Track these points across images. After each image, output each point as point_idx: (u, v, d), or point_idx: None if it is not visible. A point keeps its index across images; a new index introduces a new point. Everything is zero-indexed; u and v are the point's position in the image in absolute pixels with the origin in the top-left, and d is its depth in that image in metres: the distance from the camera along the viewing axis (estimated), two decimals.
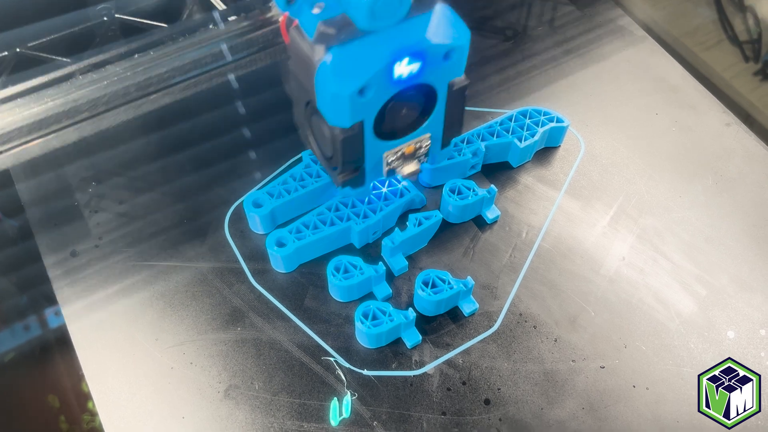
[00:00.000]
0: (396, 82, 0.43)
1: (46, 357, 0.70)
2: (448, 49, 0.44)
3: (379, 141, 0.47)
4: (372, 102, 0.44)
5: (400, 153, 0.50)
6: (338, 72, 0.41)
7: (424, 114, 0.49)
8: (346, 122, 0.44)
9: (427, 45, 0.42)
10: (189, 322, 0.53)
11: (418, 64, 0.43)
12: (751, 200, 0.61)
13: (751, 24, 0.81)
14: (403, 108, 0.46)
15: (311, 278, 0.55)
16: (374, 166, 0.49)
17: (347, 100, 0.42)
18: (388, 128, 0.47)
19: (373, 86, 0.42)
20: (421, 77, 0.44)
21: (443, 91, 0.47)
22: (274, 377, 0.50)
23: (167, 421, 0.49)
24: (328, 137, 0.46)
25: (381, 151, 0.48)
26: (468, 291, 0.53)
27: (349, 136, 0.45)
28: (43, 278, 0.55)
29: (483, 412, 0.49)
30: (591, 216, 0.59)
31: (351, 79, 0.41)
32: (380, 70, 0.42)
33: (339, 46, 0.41)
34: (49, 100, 0.44)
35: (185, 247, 0.57)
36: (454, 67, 0.46)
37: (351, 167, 0.48)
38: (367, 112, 0.44)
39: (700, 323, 0.54)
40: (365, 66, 0.41)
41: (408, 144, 0.49)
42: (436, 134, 0.50)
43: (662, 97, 0.68)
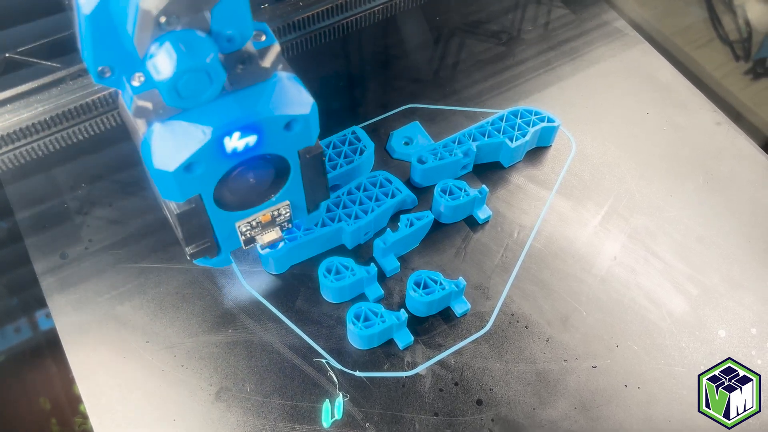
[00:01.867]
0: (231, 156, 0.40)
1: (36, 359, 0.70)
2: (288, 120, 0.40)
3: (224, 213, 0.44)
4: (206, 176, 0.40)
5: (256, 222, 0.46)
6: (160, 149, 0.38)
7: (277, 182, 0.45)
8: (178, 198, 0.41)
9: (261, 118, 0.39)
10: (180, 325, 0.53)
11: (253, 136, 0.39)
12: (742, 199, 0.61)
13: (741, 23, 0.82)
14: (249, 178, 0.43)
15: (303, 280, 0.55)
16: (229, 236, 0.46)
17: (172, 177, 0.39)
18: (234, 200, 0.44)
19: (202, 162, 0.39)
20: (260, 149, 0.41)
21: (295, 160, 0.44)
22: (266, 379, 0.50)
23: (158, 423, 0.48)
24: (167, 212, 0.43)
25: (233, 222, 0.45)
26: (460, 291, 0.53)
27: (186, 210, 0.42)
28: (32, 281, 0.55)
29: (475, 412, 0.49)
30: (582, 216, 0.59)
31: (174, 156, 0.38)
32: (205, 146, 0.38)
33: (162, 122, 0.38)
34: (39, 105, 0.44)
35: (175, 249, 0.56)
36: (302, 137, 0.42)
37: (194, 242, 0.45)
38: (203, 186, 0.41)
39: (692, 322, 0.54)
40: (188, 142, 0.38)
41: (263, 213, 0.46)
42: (297, 201, 0.47)
43: (653, 96, 0.68)
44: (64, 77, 0.45)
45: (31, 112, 0.44)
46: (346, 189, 0.56)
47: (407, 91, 0.67)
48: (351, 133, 0.59)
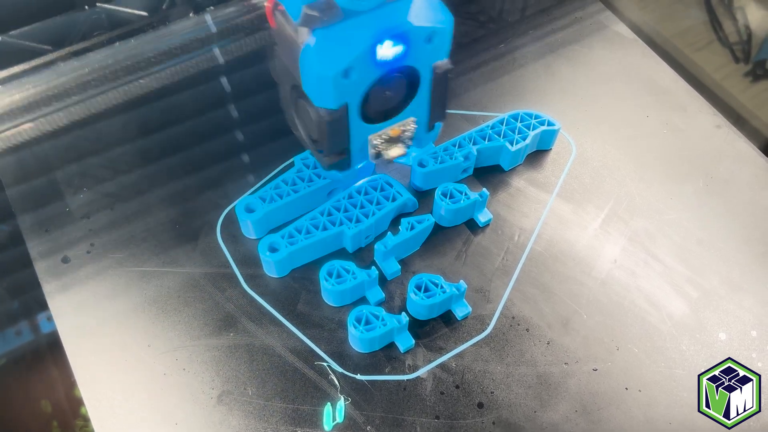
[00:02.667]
0: (380, 65, 0.44)
1: (38, 362, 0.70)
2: (430, 33, 0.44)
3: (364, 124, 0.48)
4: (356, 84, 0.45)
5: (386, 136, 0.50)
6: (322, 54, 0.42)
7: (408, 97, 0.49)
8: (331, 104, 0.45)
9: (409, 28, 0.43)
10: (181, 328, 0.53)
11: (401, 46, 0.44)
12: (742, 202, 0.61)
13: (741, 25, 0.82)
14: (387, 91, 0.47)
15: (304, 283, 0.55)
16: (360, 149, 0.50)
17: (331, 82, 0.43)
18: (372, 111, 0.48)
19: (357, 68, 0.43)
20: (404, 60, 0.45)
21: (427, 75, 0.48)
22: (268, 383, 0.50)
23: (160, 427, 0.48)
24: (314, 120, 0.47)
25: (366, 134, 0.49)
26: (461, 295, 0.53)
27: (335, 118, 0.46)
28: (34, 284, 0.55)
29: (476, 415, 0.49)
30: (582, 219, 0.59)
31: (335, 60, 0.42)
32: (363, 52, 0.43)
33: (323, 29, 0.42)
34: (30, 86, 0.44)
35: (177, 252, 0.56)
36: (438, 51, 0.46)
37: (337, 150, 0.49)
38: (352, 94, 0.45)
39: (692, 325, 0.54)
40: (349, 48, 0.42)
41: (393, 127, 0.50)
42: (421, 118, 0.51)
43: (653, 99, 0.68)
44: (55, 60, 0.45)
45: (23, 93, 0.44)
46: (347, 193, 0.56)
47: None
48: None
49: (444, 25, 0.45)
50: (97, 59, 0.45)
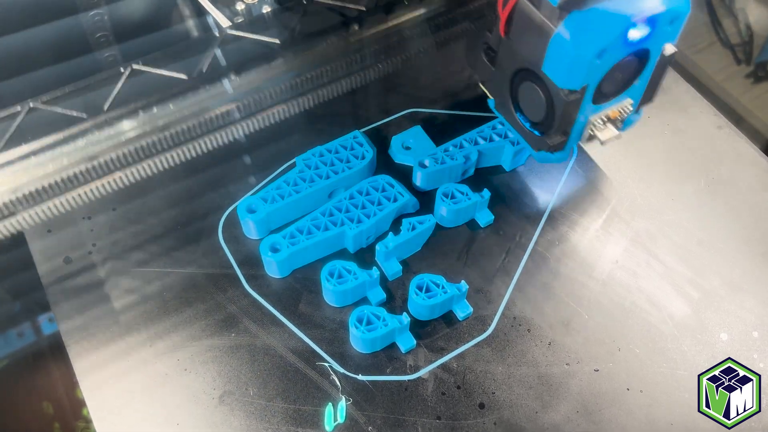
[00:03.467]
0: (627, 46, 0.45)
1: (40, 364, 0.70)
2: (676, 15, 0.46)
3: (590, 105, 0.49)
4: (602, 65, 0.46)
5: (605, 117, 0.51)
6: (580, 35, 0.44)
7: (633, 78, 0.51)
8: (578, 84, 0.46)
9: (662, 10, 0.44)
10: (183, 328, 0.53)
11: (648, 28, 0.45)
12: (743, 202, 0.61)
13: (742, 26, 0.82)
14: (620, 71, 0.49)
15: (305, 283, 0.55)
16: (578, 132, 0.51)
17: (585, 63, 0.44)
18: (602, 91, 0.49)
19: (612, 48, 0.45)
20: (646, 42, 0.46)
21: (656, 56, 0.49)
22: (269, 383, 0.50)
23: (162, 427, 0.49)
24: (543, 102, 0.49)
25: (588, 116, 0.50)
26: (462, 295, 0.53)
27: (575, 99, 0.47)
28: (36, 285, 0.55)
29: (478, 416, 0.49)
30: (584, 219, 0.59)
31: (592, 42, 0.44)
32: (620, 34, 0.44)
33: (582, 12, 0.43)
34: (64, 158, 0.43)
35: (179, 252, 0.57)
36: (672, 33, 0.48)
37: (565, 129, 0.50)
38: (596, 75, 0.47)
39: (693, 326, 0.54)
40: (606, 30, 0.44)
41: (612, 108, 0.51)
42: (635, 99, 0.52)
43: (654, 100, 0.68)
44: (89, 128, 0.44)
45: (57, 165, 0.43)
46: (349, 193, 0.56)
47: (409, 95, 0.67)
48: (353, 138, 0.59)
49: (686, 8, 0.46)
50: (134, 127, 0.45)
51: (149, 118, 0.45)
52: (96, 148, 0.44)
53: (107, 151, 0.44)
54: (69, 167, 0.43)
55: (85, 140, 0.44)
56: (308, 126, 0.64)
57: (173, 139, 0.46)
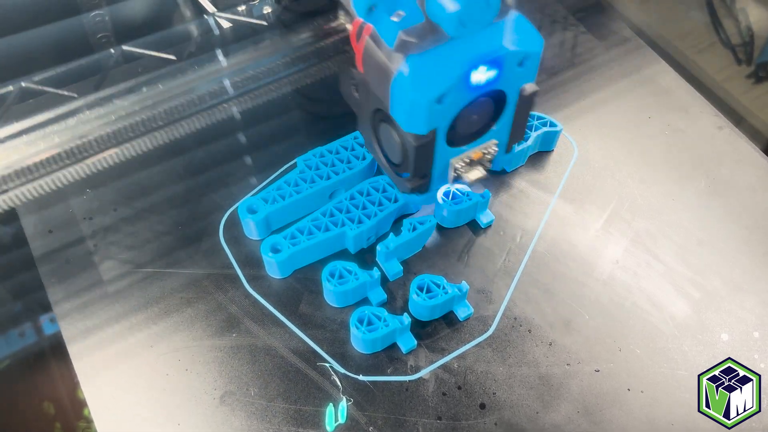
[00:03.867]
0: (472, 89, 0.44)
1: (41, 364, 0.70)
2: (523, 56, 0.44)
3: (448, 147, 0.48)
4: (447, 109, 0.44)
5: (467, 159, 0.50)
6: (417, 80, 0.42)
7: (492, 121, 0.49)
8: (423, 129, 0.44)
9: (505, 52, 0.43)
10: (184, 329, 0.53)
11: (494, 71, 0.44)
12: (743, 203, 0.61)
13: (743, 27, 0.82)
14: (474, 114, 0.47)
15: (306, 284, 0.55)
16: (441, 173, 0.50)
17: (425, 108, 0.42)
18: (458, 135, 0.48)
19: (451, 94, 0.43)
20: (495, 84, 0.45)
21: (514, 97, 0.47)
22: (270, 383, 0.50)
23: (163, 427, 0.49)
24: (398, 145, 0.47)
25: (448, 158, 0.49)
26: (463, 295, 0.53)
27: (424, 143, 0.45)
28: (37, 285, 0.55)
29: (479, 416, 0.49)
30: (584, 219, 0.60)
31: (430, 87, 0.42)
32: (459, 78, 0.42)
33: (418, 55, 0.41)
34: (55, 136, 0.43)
35: (180, 253, 0.57)
36: (527, 74, 0.46)
37: (421, 173, 0.49)
38: (442, 119, 0.45)
39: (694, 326, 0.54)
40: (444, 74, 0.42)
41: (474, 150, 0.50)
42: (501, 140, 0.51)
43: (655, 100, 0.68)
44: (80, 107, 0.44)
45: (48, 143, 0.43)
46: (349, 194, 0.56)
47: None
48: (353, 138, 0.59)
49: (536, 48, 0.45)
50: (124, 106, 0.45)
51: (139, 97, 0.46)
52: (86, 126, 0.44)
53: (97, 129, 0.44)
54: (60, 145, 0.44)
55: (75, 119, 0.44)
56: (309, 127, 0.65)
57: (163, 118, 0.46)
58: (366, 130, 0.52)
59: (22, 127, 0.43)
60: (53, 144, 0.43)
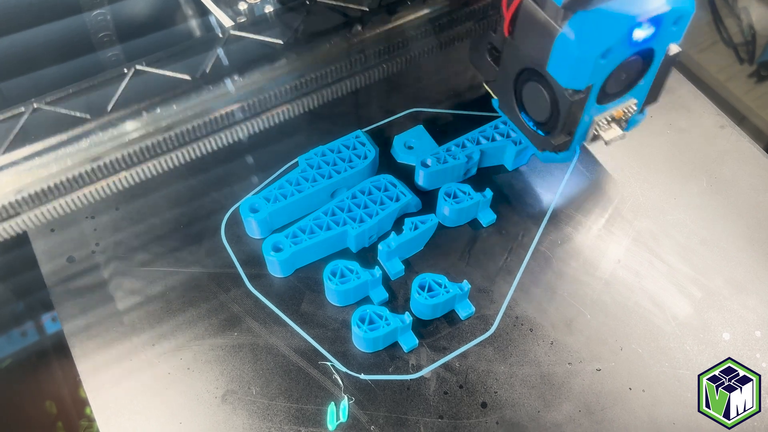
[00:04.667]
0: (632, 46, 0.45)
1: (43, 363, 0.70)
2: (680, 15, 0.46)
3: (595, 104, 0.49)
4: (607, 65, 0.46)
5: (609, 117, 0.51)
6: (584, 35, 0.44)
7: (637, 78, 0.51)
8: (582, 84, 0.46)
9: (666, 10, 0.44)
10: (186, 328, 0.53)
11: (653, 28, 0.45)
12: (746, 202, 0.61)
13: (745, 26, 0.82)
14: (624, 72, 0.49)
15: (308, 283, 0.55)
16: (582, 132, 0.52)
17: (590, 62, 0.44)
18: (606, 91, 0.49)
19: (616, 48, 0.45)
20: (651, 41, 0.46)
21: (660, 56, 0.49)
22: (272, 382, 0.50)
23: (164, 426, 0.49)
24: (548, 102, 0.49)
25: (592, 116, 0.50)
26: (464, 294, 0.53)
27: (579, 99, 0.47)
28: (39, 284, 0.55)
29: (480, 415, 0.49)
30: (586, 219, 0.59)
31: (596, 42, 0.44)
32: (624, 34, 0.44)
33: (586, 12, 0.44)
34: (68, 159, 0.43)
35: (182, 252, 0.57)
36: (677, 33, 0.48)
37: (568, 130, 0.51)
38: (600, 75, 0.47)
39: (696, 325, 0.54)
40: (610, 30, 0.44)
41: (617, 108, 0.51)
42: (639, 99, 0.52)
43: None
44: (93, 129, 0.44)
45: (61, 166, 0.43)
46: (351, 193, 0.56)
47: (412, 95, 0.67)
48: (355, 138, 0.59)
49: (690, 8, 0.46)
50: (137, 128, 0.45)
51: (153, 118, 0.45)
52: (99, 149, 0.44)
53: (111, 152, 0.44)
54: (72, 168, 0.43)
55: (88, 141, 0.44)
56: (310, 125, 0.65)
57: (177, 140, 0.46)
58: (505, 92, 0.54)
59: (34, 150, 0.43)
60: (66, 167, 0.43)
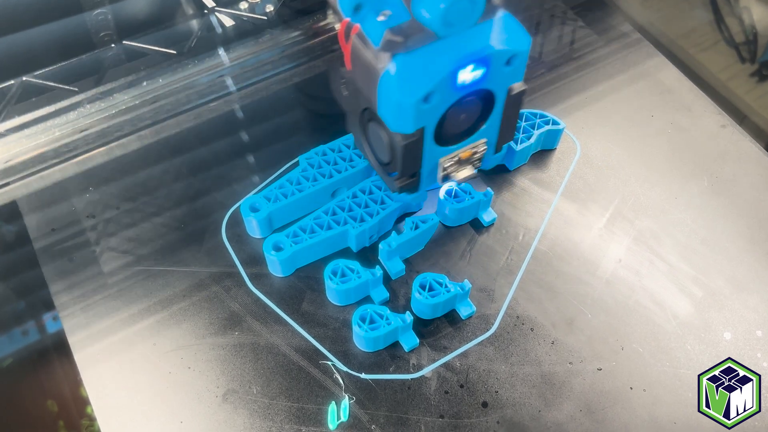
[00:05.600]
0: (459, 88, 0.44)
1: (44, 362, 0.70)
2: (511, 55, 0.44)
3: (437, 147, 0.48)
4: (434, 108, 0.44)
5: (456, 158, 0.50)
6: (403, 79, 0.42)
7: (480, 120, 0.49)
8: (409, 128, 0.44)
9: (492, 51, 0.43)
10: (187, 327, 0.53)
11: (481, 70, 0.43)
12: (747, 201, 0.61)
13: (747, 25, 0.82)
14: (462, 113, 0.47)
15: (308, 282, 0.55)
16: (430, 172, 0.50)
17: (412, 108, 0.42)
18: (447, 134, 0.47)
19: (438, 93, 0.43)
20: (483, 83, 0.45)
21: (502, 97, 0.47)
22: (272, 381, 0.50)
23: (165, 425, 0.49)
24: (386, 144, 0.47)
25: (437, 157, 0.49)
26: (465, 294, 0.53)
27: (411, 142, 0.45)
28: (40, 283, 0.56)
29: (481, 414, 0.49)
30: (587, 218, 0.59)
31: (416, 86, 0.42)
32: (445, 77, 0.42)
33: (404, 54, 0.41)
34: (56, 130, 0.44)
35: (182, 251, 0.57)
36: (515, 73, 0.46)
37: (409, 173, 0.49)
38: (429, 118, 0.45)
39: (697, 325, 0.54)
40: (431, 73, 0.42)
41: (464, 149, 0.50)
42: (490, 139, 0.51)
43: (658, 99, 0.68)
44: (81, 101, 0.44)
45: (49, 137, 0.44)
46: (351, 192, 0.56)
47: None
48: None
49: (524, 47, 0.45)
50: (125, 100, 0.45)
51: (139, 91, 0.46)
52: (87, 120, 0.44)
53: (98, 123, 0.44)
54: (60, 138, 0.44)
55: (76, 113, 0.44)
56: (311, 125, 0.65)
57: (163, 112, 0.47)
58: (355, 129, 0.52)
59: (23, 121, 0.43)
60: (54, 138, 0.44)
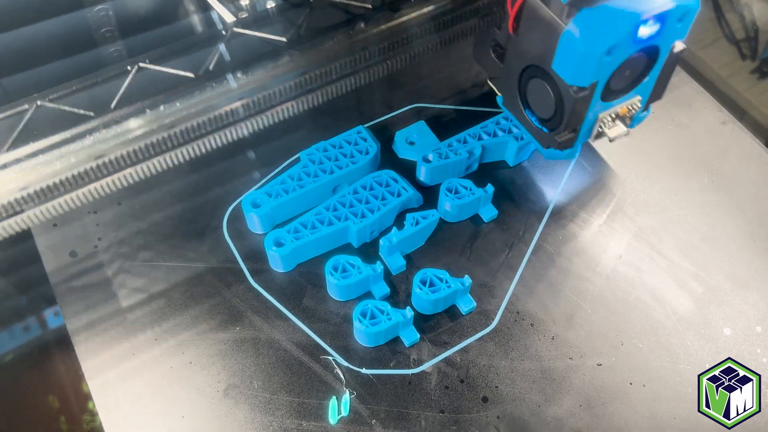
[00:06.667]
0: (636, 42, 0.46)
1: (45, 357, 0.70)
2: (685, 11, 0.46)
3: (599, 102, 0.50)
4: (611, 62, 0.46)
5: (614, 114, 0.52)
6: (589, 32, 0.44)
7: (641, 75, 0.51)
8: (587, 81, 0.47)
9: (671, 7, 0.45)
10: (188, 322, 0.53)
11: (658, 25, 0.45)
12: (747, 198, 0.61)
13: (748, 22, 0.82)
14: (628, 69, 0.49)
15: (309, 278, 0.55)
16: (587, 129, 0.52)
17: (595, 60, 0.45)
18: (610, 89, 0.49)
19: (620, 46, 0.45)
20: (656, 38, 0.47)
21: (665, 53, 0.49)
22: (273, 376, 0.51)
23: (167, 420, 0.49)
24: (552, 99, 0.49)
25: (597, 113, 0.51)
26: (465, 289, 0.53)
27: (584, 95, 0.47)
28: (42, 279, 0.56)
29: (481, 409, 0.50)
30: (588, 214, 0.60)
31: (601, 39, 0.44)
32: (629, 32, 0.44)
33: (592, 9, 0.44)
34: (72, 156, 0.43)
35: (184, 247, 0.57)
36: (682, 30, 0.48)
37: (573, 127, 0.51)
38: (605, 72, 0.47)
39: (697, 321, 0.54)
40: (615, 27, 0.44)
41: (622, 105, 0.52)
42: (643, 96, 0.53)
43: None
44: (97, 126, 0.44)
45: (65, 164, 0.43)
46: (352, 188, 0.56)
47: (413, 91, 0.67)
48: (357, 133, 0.59)
49: (696, 4, 0.46)
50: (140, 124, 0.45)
51: (156, 115, 0.46)
52: (103, 146, 0.44)
53: (114, 149, 0.44)
54: (76, 165, 0.43)
55: (92, 138, 0.44)
56: (312, 121, 0.65)
57: (181, 137, 0.46)
58: (509, 89, 0.54)
59: (38, 147, 0.43)
60: (69, 164, 0.43)
